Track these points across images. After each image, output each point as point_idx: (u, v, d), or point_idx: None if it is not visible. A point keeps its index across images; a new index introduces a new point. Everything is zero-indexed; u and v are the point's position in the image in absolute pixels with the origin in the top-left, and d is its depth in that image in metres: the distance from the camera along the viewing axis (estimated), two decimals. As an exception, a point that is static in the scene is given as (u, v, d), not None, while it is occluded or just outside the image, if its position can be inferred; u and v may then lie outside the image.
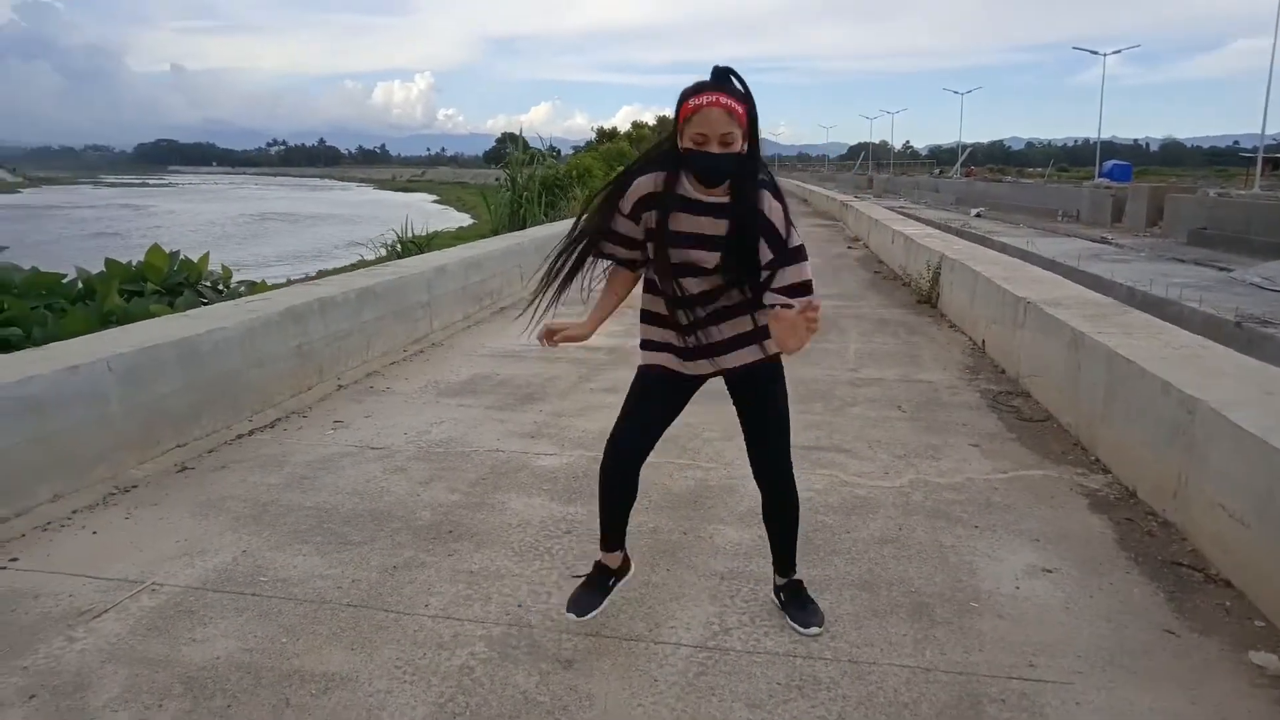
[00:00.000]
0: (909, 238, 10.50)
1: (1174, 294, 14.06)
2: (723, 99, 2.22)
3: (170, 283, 6.36)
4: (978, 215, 35.34)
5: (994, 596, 2.91)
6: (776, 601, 2.83)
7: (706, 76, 2.30)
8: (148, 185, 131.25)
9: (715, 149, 2.23)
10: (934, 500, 3.72)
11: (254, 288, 6.81)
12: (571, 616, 2.62)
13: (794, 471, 2.78)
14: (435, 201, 68.57)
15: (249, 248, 37.51)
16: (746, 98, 2.28)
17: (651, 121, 42.21)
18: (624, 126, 44.06)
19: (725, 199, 2.36)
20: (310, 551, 3.18)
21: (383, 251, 14.67)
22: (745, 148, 2.30)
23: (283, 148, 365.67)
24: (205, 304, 5.75)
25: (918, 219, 26.94)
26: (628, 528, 2.74)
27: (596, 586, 2.70)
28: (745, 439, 2.75)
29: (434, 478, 3.93)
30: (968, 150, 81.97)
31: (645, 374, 2.63)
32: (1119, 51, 55.18)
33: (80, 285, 6.02)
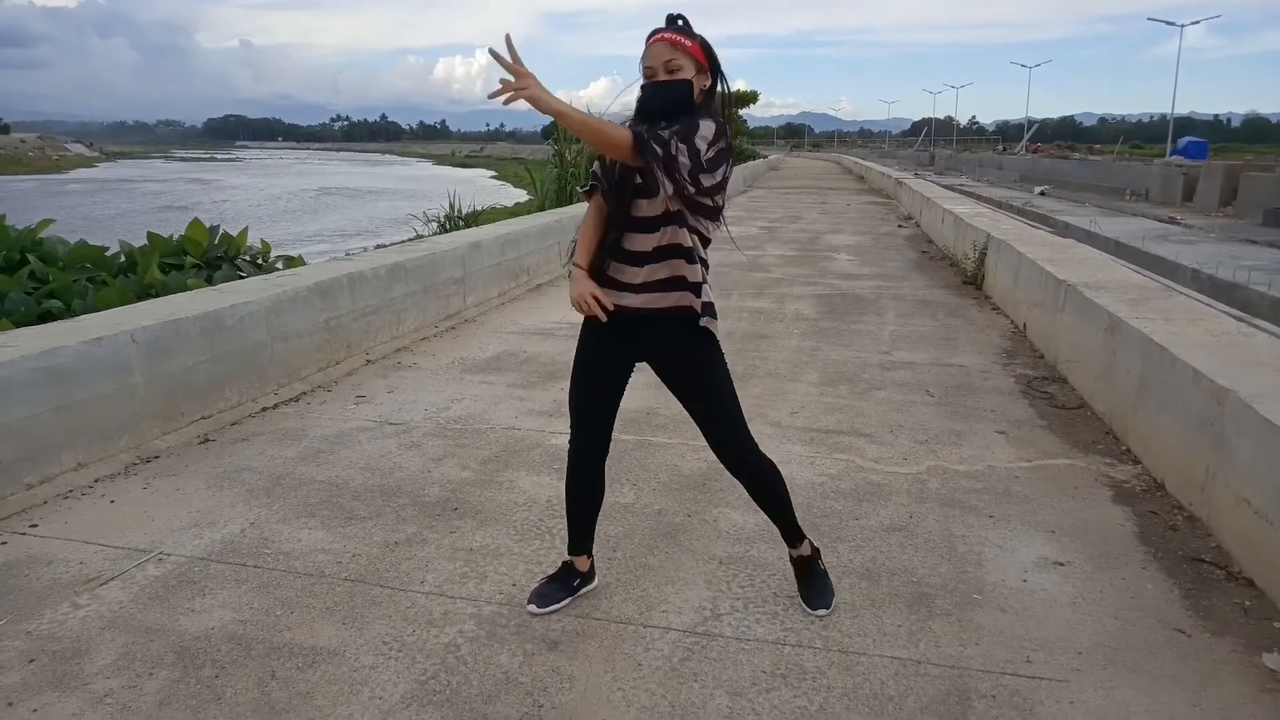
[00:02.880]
0: (958, 217, 10.23)
1: (1241, 277, 13.48)
2: (666, 34, 2.29)
3: (209, 257, 6.50)
4: (1041, 193, 34.30)
5: (999, 589, 2.82)
6: (794, 571, 2.76)
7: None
8: (215, 160, 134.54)
9: (661, 76, 2.27)
10: (950, 488, 3.63)
11: (290, 262, 6.92)
12: (532, 608, 2.63)
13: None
14: (493, 177, 68.98)
15: (307, 222, 38.25)
16: (693, 36, 2.31)
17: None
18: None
19: None
20: (316, 525, 3.23)
21: (434, 227, 14.79)
22: (706, 83, 2.34)
23: (346, 123, 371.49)
24: (242, 278, 5.85)
25: (977, 197, 26.30)
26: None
27: (562, 583, 2.72)
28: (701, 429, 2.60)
29: (447, 454, 3.96)
30: (1034, 126, 79.50)
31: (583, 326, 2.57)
32: (1197, 22, 52.90)
33: (123, 258, 6.18)
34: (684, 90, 2.29)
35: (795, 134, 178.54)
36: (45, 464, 3.47)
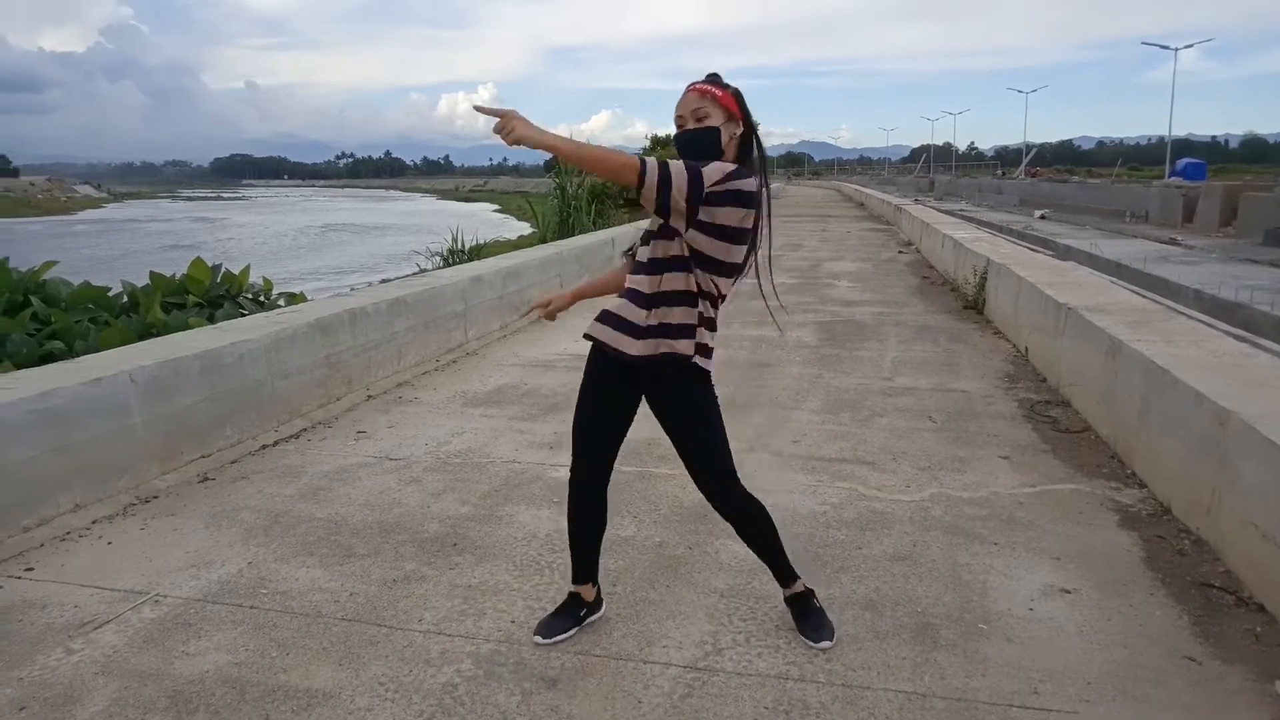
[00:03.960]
0: (958, 242, 10.25)
1: (1244, 297, 13.46)
2: (698, 85, 2.39)
3: (211, 295, 6.53)
4: (1042, 217, 34.38)
5: (1005, 618, 2.78)
6: (790, 612, 2.73)
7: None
8: (222, 198, 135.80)
9: (690, 125, 2.36)
10: (954, 515, 3.59)
11: (292, 299, 6.95)
12: (538, 639, 2.63)
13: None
14: (497, 211, 69.44)
15: (312, 259, 38.45)
16: (726, 87, 2.40)
17: (705, 127, 42.14)
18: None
19: None
20: (314, 564, 3.20)
21: (437, 261, 14.86)
22: (742, 128, 2.41)
23: (350, 160, 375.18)
24: (244, 315, 5.87)
25: (977, 222, 26.37)
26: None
27: (568, 614, 2.71)
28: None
29: (447, 489, 3.94)
30: (1033, 150, 79.91)
31: (589, 359, 2.58)
32: (1191, 46, 53.36)
33: (125, 298, 6.21)
34: (712, 136, 2.34)
35: (795, 163, 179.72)
36: (42, 506, 3.45)
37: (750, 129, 2.43)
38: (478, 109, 2.13)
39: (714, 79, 2.41)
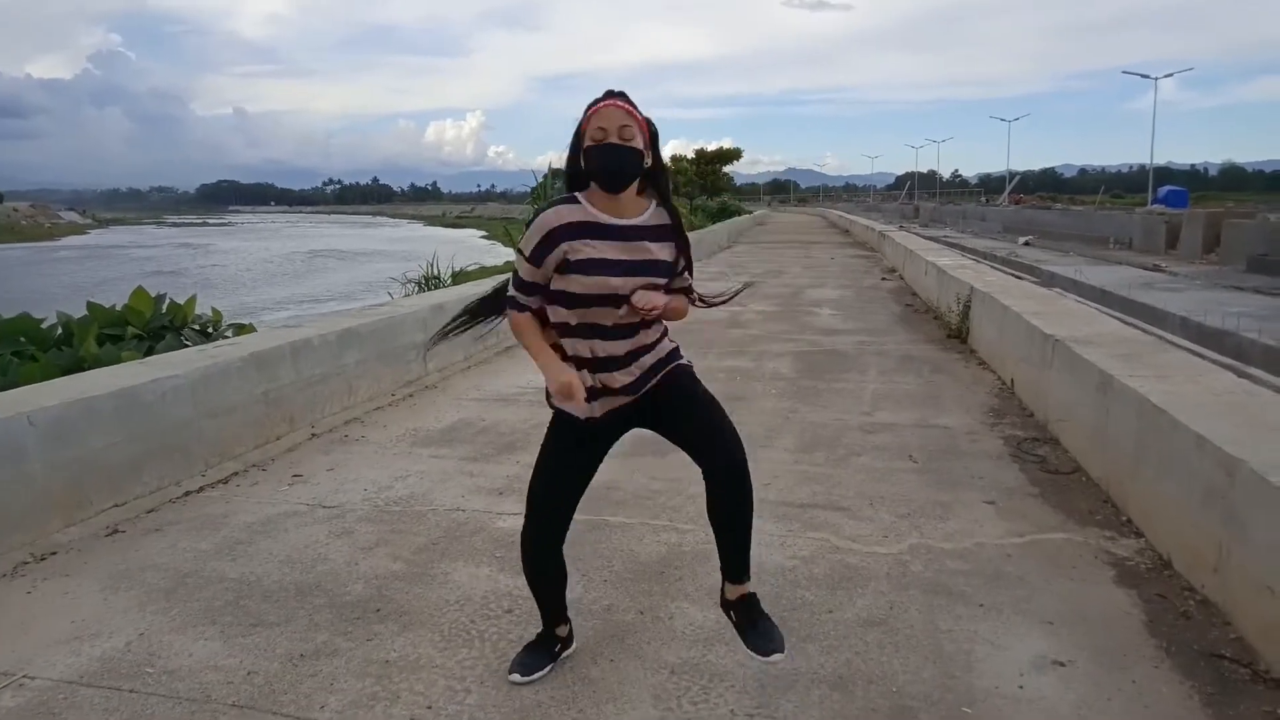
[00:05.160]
0: (941, 269, 9.99)
1: (1230, 324, 13.26)
2: (619, 103, 2.25)
3: (152, 327, 6.16)
4: (1025, 243, 34.37)
5: (992, 698, 2.44)
6: (729, 619, 2.48)
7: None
8: (208, 225, 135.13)
9: (615, 140, 2.20)
10: (935, 570, 3.26)
11: (240, 331, 6.59)
12: (515, 677, 2.52)
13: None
14: (484, 237, 69.14)
15: (294, 285, 38.04)
16: (640, 113, 2.29)
17: (690, 155, 42.11)
18: (667, 161, 43.95)
19: (648, 221, 2.31)
20: (214, 634, 2.83)
21: (412, 289, 14.50)
22: (650, 160, 2.29)
23: (337, 186, 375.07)
24: (185, 348, 5.51)
25: (961, 248, 26.26)
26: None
27: (543, 650, 2.61)
28: (692, 451, 2.37)
29: (380, 542, 3.58)
30: (1015, 178, 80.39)
31: (559, 424, 2.45)
32: (1170, 75, 53.90)
33: (60, 330, 5.84)
34: (637, 160, 2.25)
35: (781, 189, 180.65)
36: (-84, 567, 3.08)
37: (658, 164, 2.34)
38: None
39: (628, 99, 2.27)
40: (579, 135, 2.27)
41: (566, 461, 2.43)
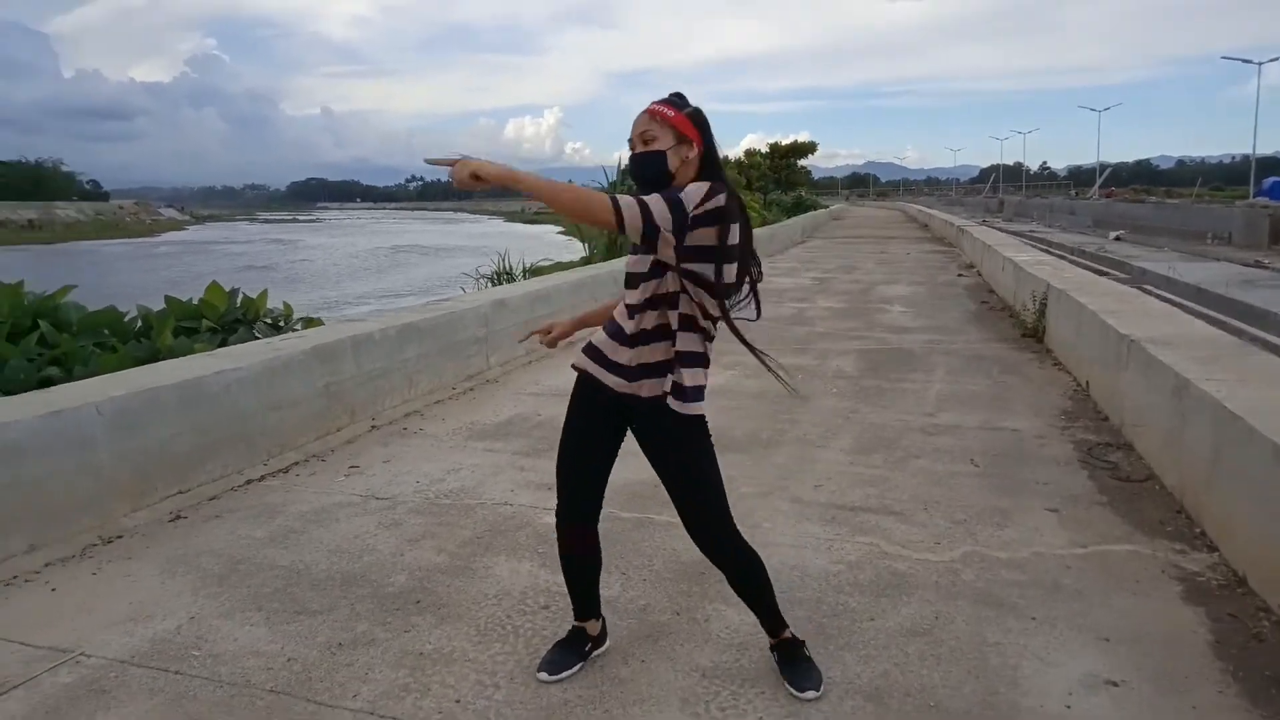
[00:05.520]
0: (1018, 265, 9.65)
1: (1339, 325, 12.46)
2: (649, 107, 2.27)
3: (226, 320, 6.38)
4: (1116, 239, 32.99)
5: (1036, 717, 2.33)
6: (773, 658, 2.53)
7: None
8: (297, 221, 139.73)
9: (638, 148, 2.26)
10: (987, 580, 3.14)
11: (309, 323, 6.77)
12: (543, 675, 2.52)
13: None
14: (560, 233, 69.80)
15: (375, 281, 38.96)
16: (683, 107, 2.28)
17: (764, 149, 41.67)
18: (740, 154, 43.63)
19: None
20: (260, 621, 2.90)
21: (485, 284, 14.72)
22: (692, 153, 2.26)
23: (420, 183, 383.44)
24: (257, 340, 5.69)
25: (1047, 243, 25.38)
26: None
27: (573, 648, 2.60)
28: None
29: (426, 534, 3.62)
30: (1107, 170, 77.16)
31: (574, 391, 2.48)
32: (1276, 60, 51.04)
33: (140, 323, 6.09)
34: (657, 161, 2.24)
35: (860, 183, 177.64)
36: (-9, 548, 3.23)
37: (710, 148, 2.29)
38: (429, 161, 2.11)
39: (674, 99, 2.29)
40: None
41: (578, 427, 2.45)
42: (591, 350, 2.38)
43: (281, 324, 6.83)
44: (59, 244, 76.00)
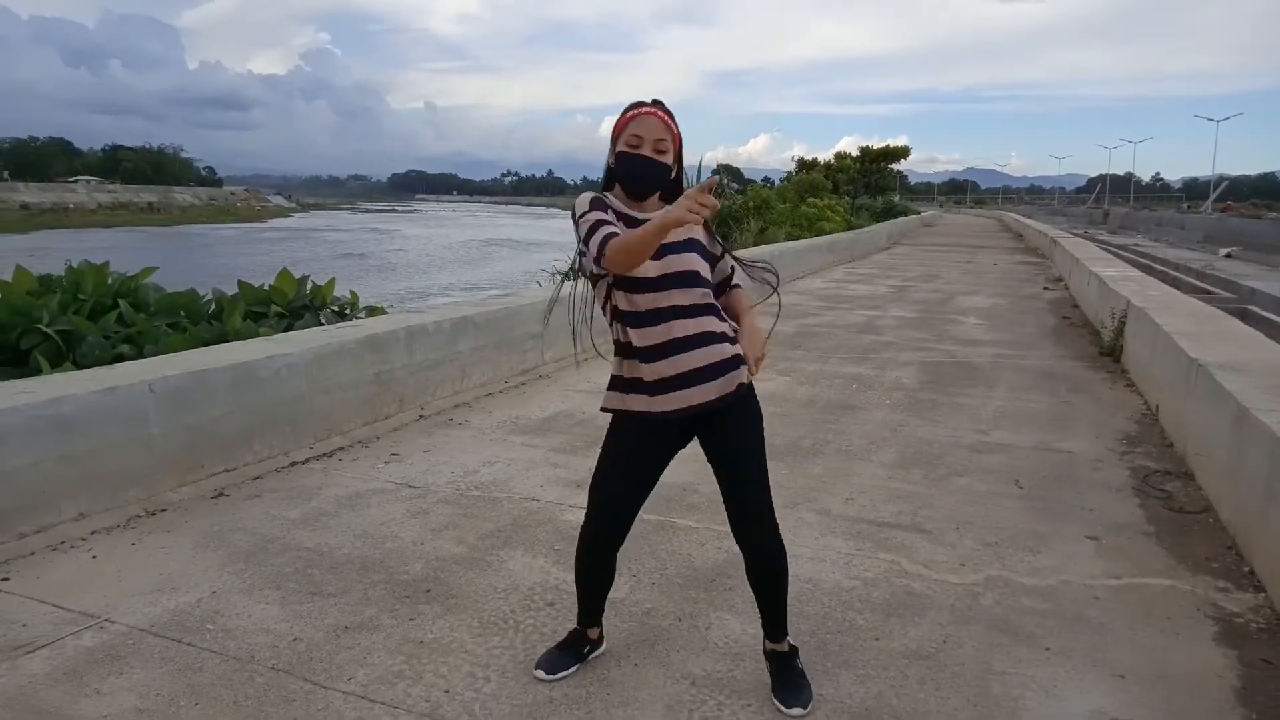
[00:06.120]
0: (1103, 280, 9.26)
1: None
2: (660, 113, 2.29)
3: (293, 306, 6.62)
4: (1227, 255, 31.27)
5: (1029, 753, 2.25)
6: (766, 668, 2.51)
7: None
8: (395, 211, 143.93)
9: (648, 153, 2.25)
10: (1006, 606, 3.03)
11: (372, 312, 6.97)
12: (540, 674, 2.54)
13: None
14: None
15: (463, 272, 39.81)
16: (676, 125, 2.32)
17: (855, 152, 40.90)
18: (831, 159, 42.96)
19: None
20: (276, 599, 3.01)
21: (558, 279, 14.89)
22: (675, 172, 2.32)
23: (515, 178, 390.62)
24: (321, 326, 5.89)
25: (1151, 258, 24.26)
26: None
27: (571, 650, 2.62)
28: (723, 494, 2.42)
29: (450, 525, 3.69)
30: (1224, 183, 73.10)
31: (618, 428, 2.43)
32: None
33: (213, 305, 6.38)
34: (666, 174, 2.30)
35: (958, 190, 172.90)
36: (43, 513, 3.44)
37: (680, 174, 2.37)
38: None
39: (665, 108, 2.31)
40: (615, 133, 2.30)
41: (640, 473, 2.42)
42: (668, 381, 2.26)
43: (346, 312, 7.05)
44: (175, 226, 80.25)
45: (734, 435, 2.36)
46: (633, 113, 2.28)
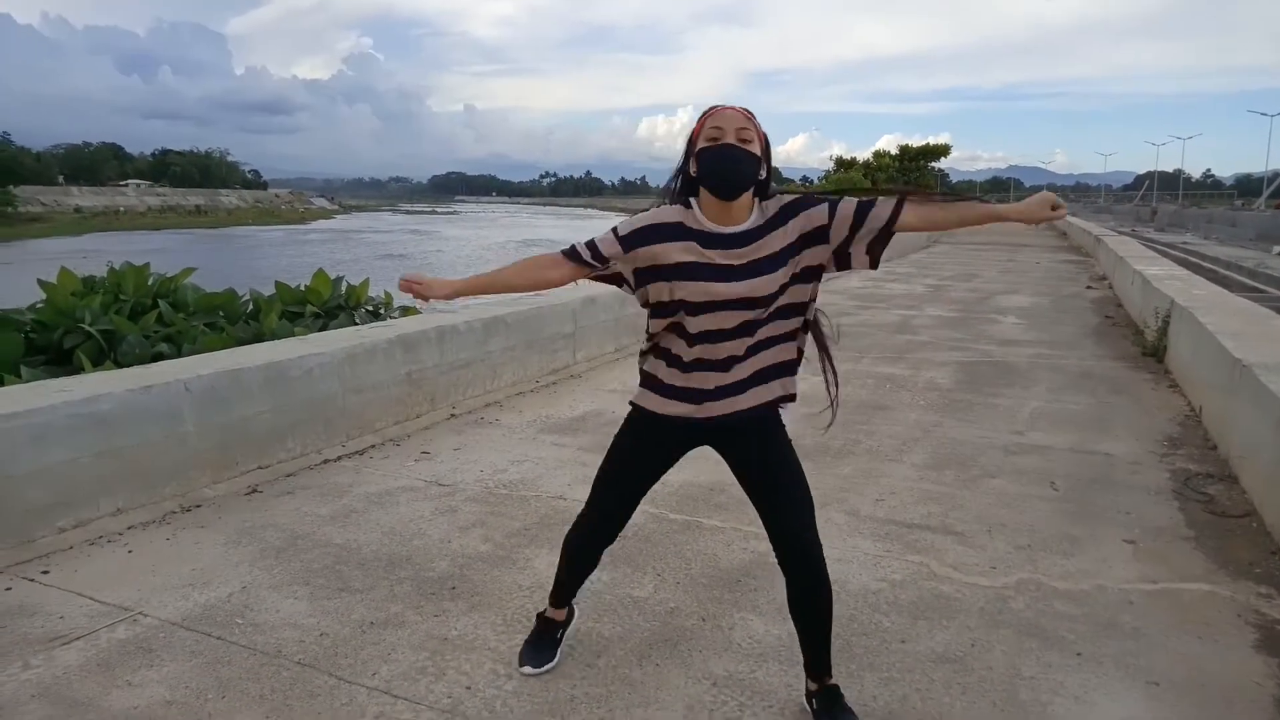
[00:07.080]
0: (1146, 278, 9.06)
1: None
2: (738, 109, 2.14)
3: (329, 306, 6.72)
4: (1279, 254, 30.48)
5: (1056, 760, 2.20)
6: (809, 708, 2.35)
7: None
8: (436, 213, 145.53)
9: (733, 140, 2.06)
10: (1037, 610, 2.97)
11: (406, 312, 7.05)
12: (527, 669, 2.56)
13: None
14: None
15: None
16: (758, 125, 2.15)
17: (894, 150, 40.43)
18: (869, 157, 42.53)
19: (756, 222, 2.15)
20: (304, 595, 3.05)
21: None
22: (765, 172, 2.15)
23: (553, 179, 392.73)
24: (355, 326, 5.96)
25: (1200, 256, 23.71)
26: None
27: (548, 640, 2.64)
28: (760, 511, 2.31)
29: (477, 523, 3.72)
30: (1278, 179, 71.23)
31: (634, 421, 2.40)
32: None
33: (251, 305, 6.49)
34: (756, 164, 2.10)
35: (1001, 188, 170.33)
36: (81, 509, 3.52)
37: (770, 177, 2.19)
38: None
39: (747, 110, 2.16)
40: (691, 141, 2.15)
41: (647, 470, 2.39)
42: (707, 393, 2.24)
43: (380, 311, 7.13)
44: (221, 228, 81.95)
45: (776, 457, 2.29)
46: (709, 113, 2.12)
